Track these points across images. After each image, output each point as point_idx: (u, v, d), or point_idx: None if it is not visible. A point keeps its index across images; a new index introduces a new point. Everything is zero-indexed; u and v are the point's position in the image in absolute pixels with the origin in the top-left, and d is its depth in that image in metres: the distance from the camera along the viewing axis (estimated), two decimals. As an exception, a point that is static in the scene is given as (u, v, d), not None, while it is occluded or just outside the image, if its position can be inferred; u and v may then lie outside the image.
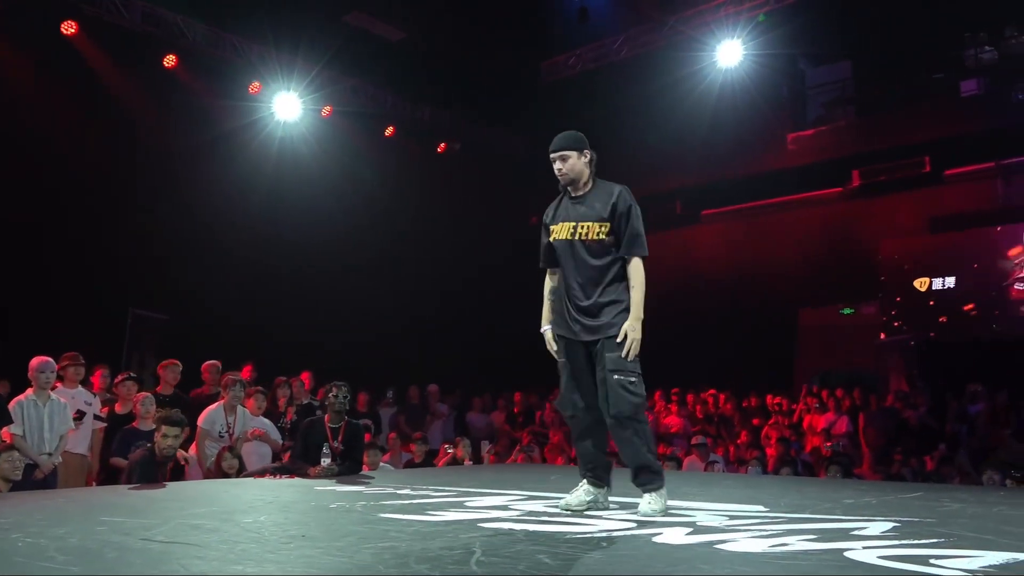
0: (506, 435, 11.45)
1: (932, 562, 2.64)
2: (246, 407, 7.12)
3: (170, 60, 11.11)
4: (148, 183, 11.00)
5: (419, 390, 11.43)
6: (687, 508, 4.03)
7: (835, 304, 14.05)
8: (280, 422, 7.71)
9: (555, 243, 3.88)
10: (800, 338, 14.30)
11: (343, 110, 12.72)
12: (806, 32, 12.68)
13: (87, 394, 7.04)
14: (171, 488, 5.10)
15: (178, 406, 6.50)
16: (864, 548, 2.88)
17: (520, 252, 15.08)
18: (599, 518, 3.65)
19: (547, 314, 4.04)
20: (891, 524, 3.44)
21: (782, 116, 13.86)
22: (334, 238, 12.25)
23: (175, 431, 5.65)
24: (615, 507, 4.03)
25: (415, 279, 13.15)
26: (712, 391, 12.38)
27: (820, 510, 3.99)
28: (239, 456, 6.51)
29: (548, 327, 4.01)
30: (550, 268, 4.03)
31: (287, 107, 11.91)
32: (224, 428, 6.86)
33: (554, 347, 3.98)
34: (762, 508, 4.05)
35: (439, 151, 14.50)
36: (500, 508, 4.00)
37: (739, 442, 10.44)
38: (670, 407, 11.64)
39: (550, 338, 4.00)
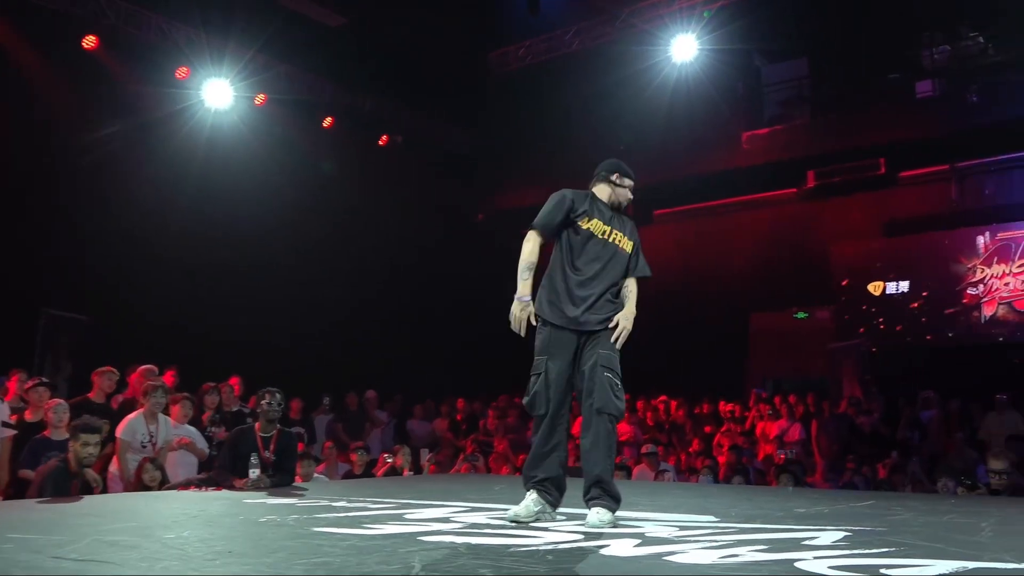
0: (449, 443, 11.43)
1: (883, 572, 2.72)
2: (170, 415, 6.98)
3: (90, 41, 10.82)
4: (65, 174, 10.71)
5: (357, 396, 11.35)
6: (636, 519, 4.08)
7: (788, 308, 14.33)
8: (207, 431, 7.58)
9: (594, 236, 4.23)
10: (752, 343, 14.56)
11: (278, 98, 12.56)
12: (761, 27, 12.92)
13: (-8, 400, 6.84)
14: (86, 502, 4.98)
15: (107, 416, 6.37)
16: (815, 558, 2.94)
17: (466, 253, 15.25)
18: (545, 530, 3.66)
19: (529, 286, 4.25)
20: (842, 533, 3.53)
21: (737, 114, 14.08)
22: (267, 234, 12.09)
23: (95, 438, 5.52)
24: (562, 518, 4.05)
25: (353, 279, 13.04)
26: (663, 397, 12.53)
27: (771, 520, 4.07)
28: (162, 467, 6.38)
29: (530, 299, 4.19)
30: (545, 237, 4.32)
31: (218, 94, 11.71)
32: (146, 438, 6.71)
33: (529, 321, 4.16)
34: (713, 518, 4.11)
35: (380, 144, 14.41)
36: (441, 520, 4.00)
37: (691, 450, 10.59)
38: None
39: (532, 311, 4.17)
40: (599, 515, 3.81)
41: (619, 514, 3.96)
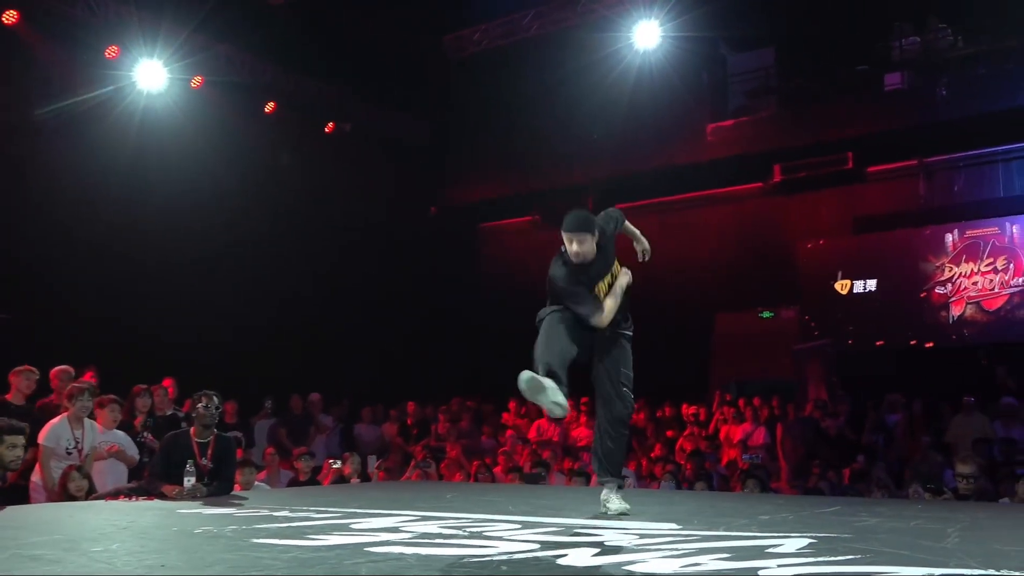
0: (398, 449, 11.40)
1: (848, 580, 2.78)
2: (96, 419, 6.86)
3: (11, 16, 10.55)
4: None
5: (301, 399, 11.26)
6: (594, 527, 4.11)
7: (753, 308, 14.51)
8: (139, 436, 7.47)
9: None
10: (716, 343, 14.73)
11: (217, 80, 12.38)
12: (727, 15, 13.07)
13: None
14: (7, 513, 4.89)
15: (27, 420, 6.23)
16: (779, 566, 3.00)
17: (417, 248, 15.21)
18: (499, 539, 3.67)
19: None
20: (807, 540, 3.59)
21: (702, 105, 14.22)
22: (204, 226, 11.92)
23: (20, 439, 5.40)
24: (516, 526, 4.07)
25: (297, 273, 12.93)
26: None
27: (735, 527, 4.12)
28: (89, 476, 6.28)
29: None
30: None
31: (151, 76, 11.51)
32: (71, 444, 6.61)
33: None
34: (674, 526, 4.16)
35: (327, 131, 14.30)
36: (390, 530, 3.99)
37: (652, 455, 10.69)
38: (579, 418, 11.81)
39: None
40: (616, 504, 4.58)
41: (575, 522, 3.98)
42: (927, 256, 12.81)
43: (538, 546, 3.50)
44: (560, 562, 3.15)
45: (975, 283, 12.35)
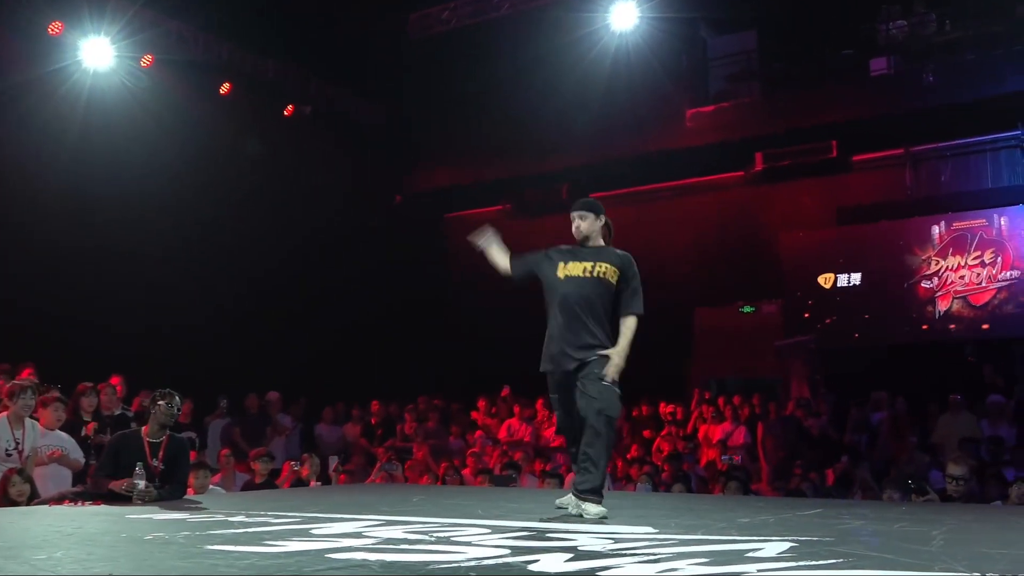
0: (361, 450, 11.38)
1: (830, 585, 2.81)
2: (38, 419, 6.78)
3: (-55, -11, 10.40)
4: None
5: (258, 398, 11.20)
6: (567, 531, 4.13)
7: (734, 302, 14.61)
8: (92, 438, 7.40)
9: (566, 279, 4.95)
10: (695, 340, 14.83)
11: (168, 59, 12.24)
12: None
13: None
14: (-59, 519, 4.81)
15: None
16: (759, 571, 3.03)
17: (382, 238, 15.15)
18: (468, 545, 3.68)
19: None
20: (788, 544, 3.64)
21: (681, 89, 14.29)
22: (153, 213, 11.79)
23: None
24: (486, 531, 4.08)
25: (253, 264, 12.83)
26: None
27: (714, 530, 4.16)
28: (31, 479, 6.21)
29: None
30: (514, 270, 5.25)
31: (97, 54, 11.36)
32: (11, 445, 6.52)
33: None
34: (651, 530, 4.19)
35: (286, 115, 14.20)
36: (352, 536, 3.99)
37: (628, 456, 10.75)
38: (552, 418, 11.84)
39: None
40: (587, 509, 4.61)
41: (548, 526, 3.99)
42: (913, 249, 12.97)
43: (508, 551, 3.52)
44: (532, 568, 3.16)
45: (962, 277, 12.53)
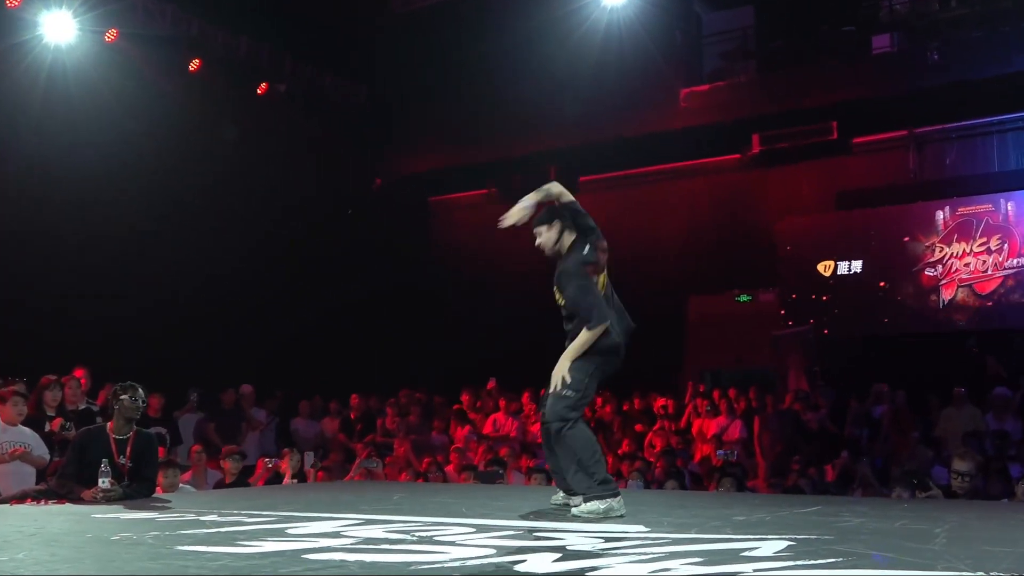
0: (340, 446, 11.36)
1: (828, 584, 2.83)
2: None
3: None
4: None
5: (234, 392, 11.17)
6: (556, 530, 4.13)
7: (729, 290, 14.65)
8: (63, 430, 7.36)
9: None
10: (689, 330, 14.87)
11: (133, 33, 12.16)
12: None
13: None
14: None
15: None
16: (755, 571, 3.05)
17: (360, 224, 15.10)
18: (451, 544, 3.69)
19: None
20: (785, 543, 3.65)
21: (674, 68, 14.27)
22: (118, 195, 11.74)
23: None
24: (470, 530, 4.09)
25: (225, 251, 12.78)
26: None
27: (708, 529, 4.18)
28: (-10, 477, 6.18)
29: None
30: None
31: (59, 27, 11.28)
32: (-30, 442, 6.49)
33: None
34: (643, 528, 4.20)
35: (259, 93, 14.12)
36: (330, 535, 3.98)
37: (619, 452, 10.78)
38: (540, 412, 11.84)
39: None
40: (581, 507, 4.57)
41: (536, 524, 4.01)
42: (916, 235, 13.01)
43: (494, 551, 3.52)
44: (518, 568, 3.17)
45: (967, 264, 12.59)
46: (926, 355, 12.49)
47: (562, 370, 4.73)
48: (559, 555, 3.41)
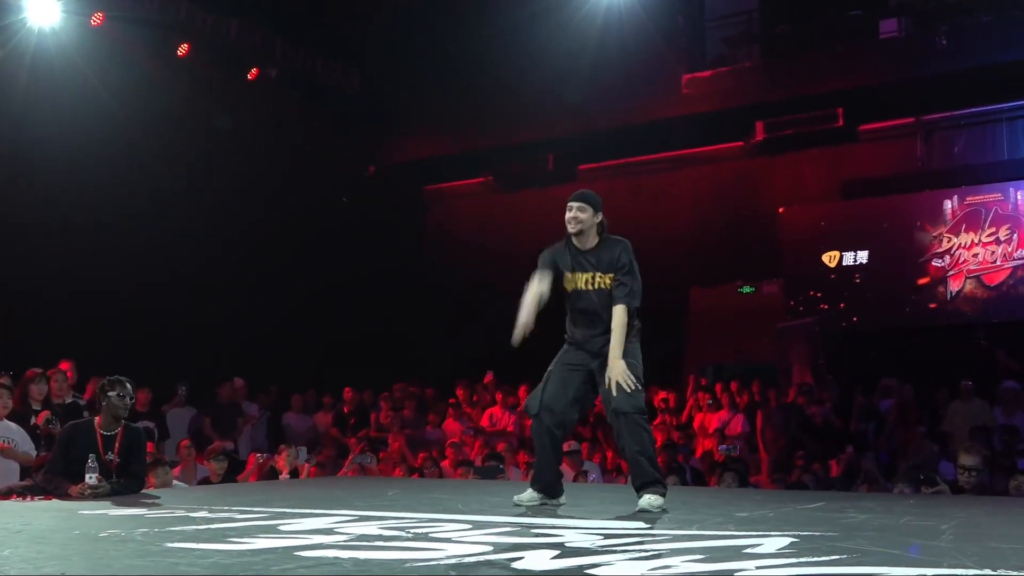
0: (333, 441, 11.38)
1: (832, 582, 2.85)
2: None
3: None
4: None
5: (230, 386, 11.17)
6: (554, 526, 4.15)
7: (732, 282, 14.65)
8: (48, 425, 7.35)
9: (576, 290, 5.18)
10: (690, 322, 14.87)
11: (120, 16, 12.12)
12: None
13: None
14: None
15: None
16: (757, 568, 3.06)
17: (353, 212, 15.08)
18: (447, 541, 3.70)
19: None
20: (789, 540, 3.67)
21: (676, 53, 14.24)
22: (104, 183, 11.69)
23: None
24: (468, 526, 4.10)
25: (215, 242, 12.77)
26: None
27: (709, 525, 4.20)
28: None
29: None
30: (544, 271, 5.17)
31: (42, 10, 11.24)
32: (-47, 437, 6.49)
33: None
34: (643, 525, 4.22)
35: (249, 79, 14.09)
36: (324, 532, 3.99)
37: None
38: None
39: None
40: (651, 501, 4.72)
41: (533, 520, 4.01)
42: (924, 225, 13.02)
43: (491, 548, 3.53)
44: (515, 566, 3.18)
45: (975, 255, 12.60)
46: (933, 348, 12.50)
47: (621, 369, 4.91)
48: (557, 552, 3.43)
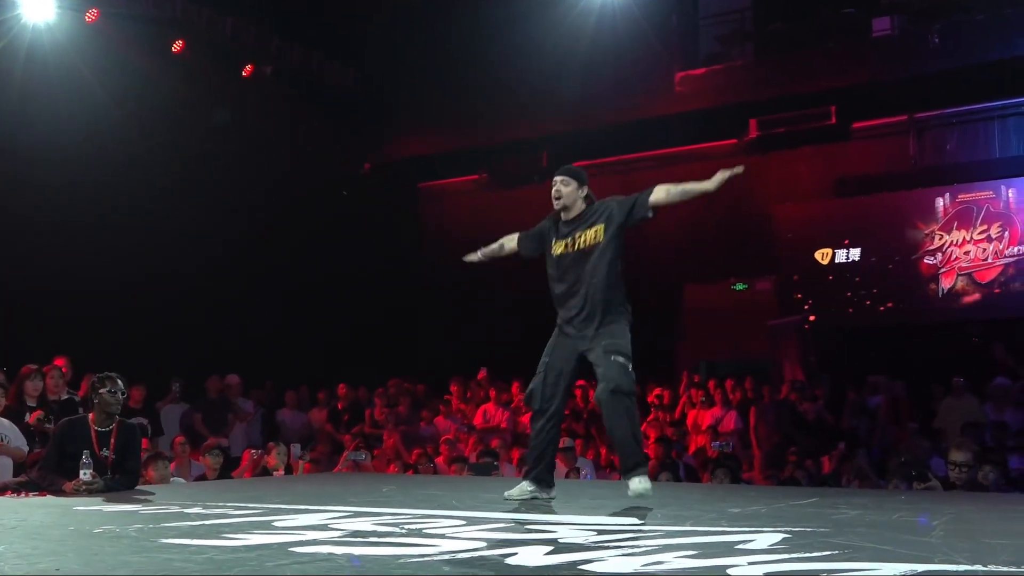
0: (327, 437, 11.37)
1: (824, 577, 2.86)
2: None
3: None
4: None
5: (219, 381, 11.16)
6: (547, 522, 4.16)
7: (725, 279, 14.67)
8: (42, 425, 7.34)
9: (555, 257, 5.31)
10: (684, 319, 14.89)
11: (115, 13, 12.09)
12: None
13: None
14: None
15: None
16: (750, 564, 3.07)
17: (348, 209, 15.07)
18: (442, 538, 3.70)
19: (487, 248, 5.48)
20: (781, 535, 3.68)
21: (670, 51, 14.25)
22: (99, 181, 11.68)
23: None
24: (462, 522, 4.10)
25: (209, 237, 12.74)
26: (581, 382, 12.69)
27: (702, 521, 4.21)
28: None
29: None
30: (521, 245, 5.49)
31: (37, 6, 11.21)
32: (-52, 434, 6.47)
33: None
34: (635, 521, 4.23)
35: (244, 76, 14.07)
36: (318, 528, 4.00)
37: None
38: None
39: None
40: (641, 483, 4.76)
41: (527, 517, 4.04)
42: (916, 222, 13.05)
43: (484, 544, 3.54)
44: (509, 562, 3.19)
45: (967, 252, 12.62)
46: (925, 344, 12.54)
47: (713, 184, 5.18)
48: (551, 548, 3.43)
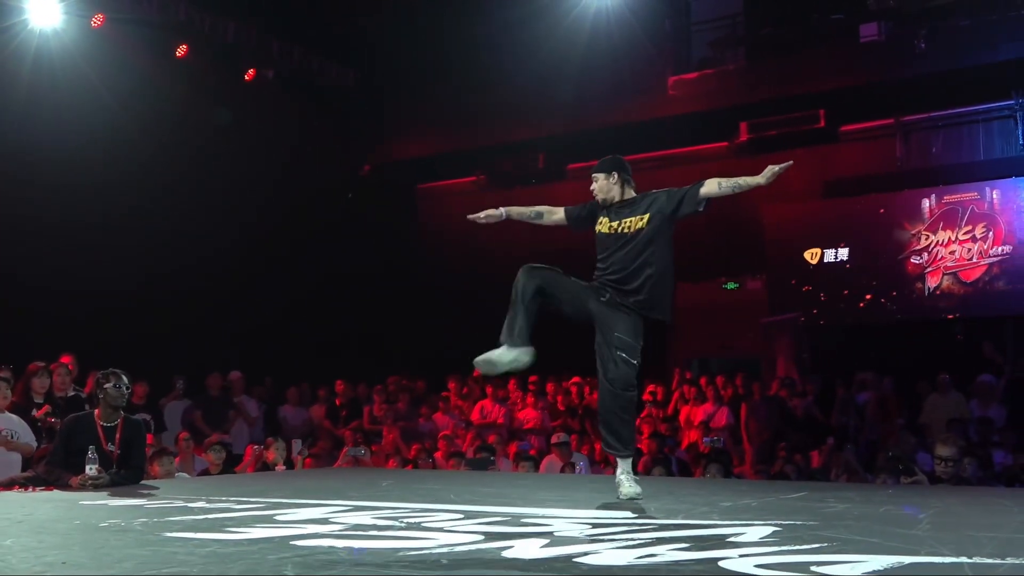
0: (327, 433, 11.38)
1: (813, 569, 2.87)
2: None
3: None
4: None
5: (220, 378, 11.16)
6: (543, 516, 4.16)
7: (717, 278, 14.68)
8: (44, 421, 7.34)
9: (598, 235, 5.51)
10: (677, 317, 14.88)
11: (120, 18, 12.08)
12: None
13: None
14: None
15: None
16: (741, 556, 3.08)
17: (348, 210, 15.06)
18: (439, 531, 3.71)
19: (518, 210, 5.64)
20: (771, 528, 3.69)
21: (663, 55, 14.27)
22: (104, 182, 11.65)
23: None
24: (459, 516, 4.11)
25: (212, 237, 12.73)
26: (576, 379, 12.72)
27: (695, 515, 4.22)
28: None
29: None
30: (570, 219, 5.86)
31: (44, 12, 11.19)
32: (-44, 429, 6.47)
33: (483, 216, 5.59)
34: (630, 514, 4.24)
35: (247, 79, 14.06)
36: (318, 522, 4.00)
37: (606, 438, 10.81)
38: (526, 399, 11.89)
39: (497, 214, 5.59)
40: (629, 487, 4.83)
41: (524, 511, 4.04)
42: (902, 223, 13.07)
43: (482, 537, 3.54)
44: (505, 554, 3.19)
45: (952, 252, 12.65)
46: (912, 342, 12.57)
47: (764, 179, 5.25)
48: (546, 541, 3.44)
